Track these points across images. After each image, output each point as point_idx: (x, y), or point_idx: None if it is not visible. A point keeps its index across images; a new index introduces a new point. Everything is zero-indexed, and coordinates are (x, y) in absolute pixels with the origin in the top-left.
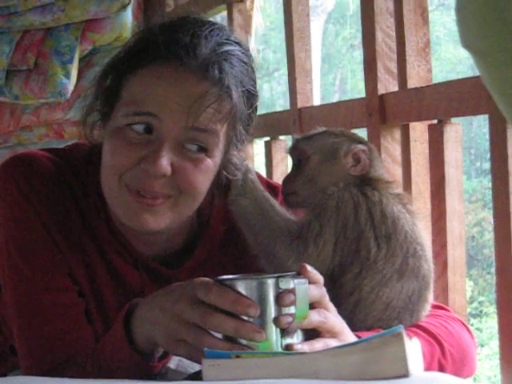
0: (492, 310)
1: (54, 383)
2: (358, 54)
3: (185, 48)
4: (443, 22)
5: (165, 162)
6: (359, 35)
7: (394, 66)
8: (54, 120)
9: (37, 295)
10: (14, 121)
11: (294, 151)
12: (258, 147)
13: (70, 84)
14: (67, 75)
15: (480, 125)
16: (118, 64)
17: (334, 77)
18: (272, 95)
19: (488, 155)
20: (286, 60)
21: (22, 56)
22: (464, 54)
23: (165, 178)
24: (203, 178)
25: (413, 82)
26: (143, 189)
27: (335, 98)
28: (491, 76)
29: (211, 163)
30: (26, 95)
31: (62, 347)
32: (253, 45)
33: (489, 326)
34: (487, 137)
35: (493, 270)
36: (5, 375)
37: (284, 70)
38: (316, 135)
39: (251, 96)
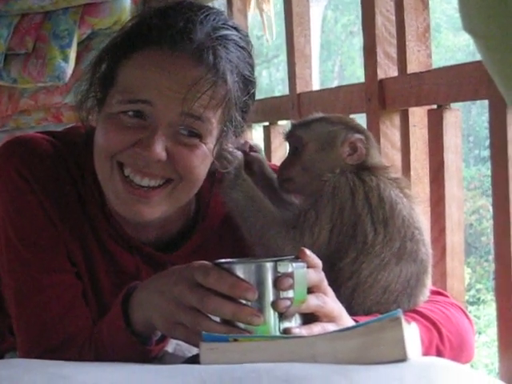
0: (490, 297)
1: (51, 366)
2: (357, 41)
3: (179, 33)
4: (443, 9)
5: (159, 147)
6: (358, 22)
7: (393, 51)
8: (52, 104)
9: (35, 277)
10: (12, 105)
11: (290, 137)
12: (256, 133)
13: (69, 68)
14: (66, 59)
15: (479, 112)
16: (112, 49)
17: (333, 63)
18: (271, 81)
19: (487, 143)
20: (285, 46)
21: (20, 39)
22: (463, 41)
23: (161, 163)
24: (199, 163)
25: (412, 67)
26: (139, 171)
27: (334, 85)
28: (492, 59)
29: (206, 149)
30: (24, 79)
31: (59, 329)
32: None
33: (486, 314)
34: (486, 124)
35: (491, 257)
36: (1, 357)
37: (283, 57)
38: (313, 122)
39: (248, 82)
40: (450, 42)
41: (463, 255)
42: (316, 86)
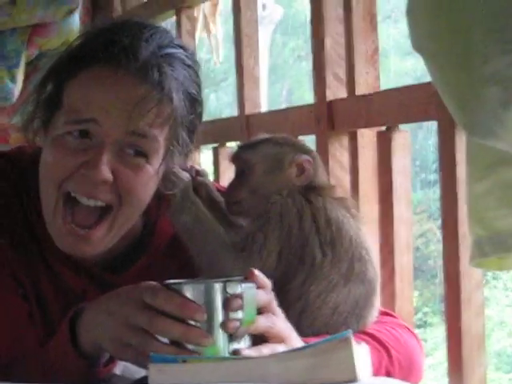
0: (436, 320)
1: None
2: (305, 65)
3: (124, 50)
4: (390, 33)
5: (106, 168)
6: (306, 46)
7: (342, 73)
8: None
9: None
10: None
11: (236, 160)
12: (204, 156)
13: (16, 88)
14: (13, 79)
15: (425, 136)
16: (57, 69)
17: (281, 87)
18: (219, 105)
19: (433, 166)
20: (233, 70)
21: None
22: (410, 66)
23: (106, 185)
24: (143, 186)
25: (361, 89)
26: (85, 193)
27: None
28: (441, 78)
29: (151, 170)
30: None
31: (5, 349)
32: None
33: (433, 336)
34: (432, 148)
35: (437, 280)
36: None
37: (231, 80)
38: (259, 144)
39: (194, 101)
40: (397, 67)
41: (412, 277)
42: (264, 109)
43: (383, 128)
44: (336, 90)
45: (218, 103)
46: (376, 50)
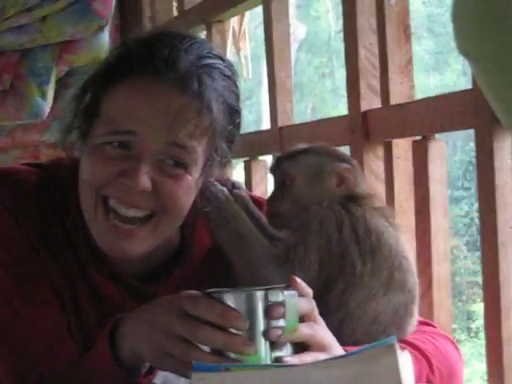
0: (464, 337)
1: None
2: (329, 83)
3: (163, 61)
4: (413, 50)
5: (145, 177)
6: (330, 64)
7: (376, 83)
8: (30, 142)
9: (20, 310)
10: None
11: (276, 171)
12: (235, 170)
13: (47, 105)
14: (43, 96)
15: (450, 153)
16: (96, 80)
17: (306, 105)
18: (244, 124)
19: (459, 183)
20: (257, 88)
21: None
22: (434, 82)
23: (146, 194)
24: (184, 195)
25: (395, 99)
26: (125, 202)
27: None
28: (488, 81)
29: (191, 180)
30: (1, 116)
31: (45, 363)
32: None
33: (462, 353)
34: (458, 165)
35: (464, 297)
36: None
37: (256, 99)
38: (299, 155)
39: (233, 111)
40: (421, 83)
41: (449, 286)
42: None
43: (418, 137)
44: (370, 101)
45: (244, 122)
46: (410, 59)
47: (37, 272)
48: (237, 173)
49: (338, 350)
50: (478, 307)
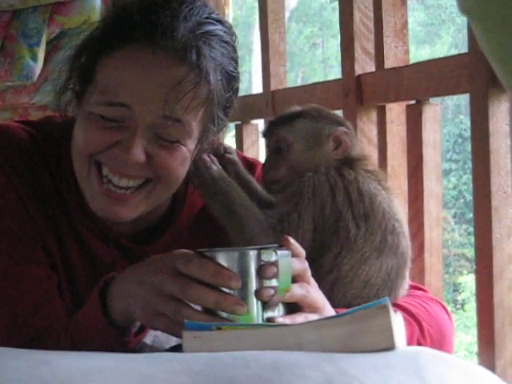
0: (450, 308)
1: (35, 353)
2: (320, 53)
3: (162, 30)
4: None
5: (138, 150)
6: (321, 33)
7: (371, 47)
8: (20, 104)
9: (9, 268)
10: None
11: (270, 136)
12: (227, 132)
13: (37, 67)
14: (34, 58)
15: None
16: (92, 43)
17: (296, 75)
18: (244, 83)
19: (447, 155)
20: (247, 57)
21: None
22: (425, 54)
23: (140, 164)
24: (179, 166)
25: (390, 63)
26: (118, 171)
27: None
28: (489, 41)
29: (185, 151)
30: None
31: (35, 321)
32: None
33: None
34: (447, 137)
35: (451, 269)
36: None
37: (246, 67)
38: (294, 119)
39: (231, 78)
40: (413, 56)
41: (441, 251)
42: None
43: (413, 102)
44: (364, 64)
45: (244, 81)
46: (405, 23)
47: (28, 231)
48: (228, 136)
49: (330, 311)
50: (465, 279)
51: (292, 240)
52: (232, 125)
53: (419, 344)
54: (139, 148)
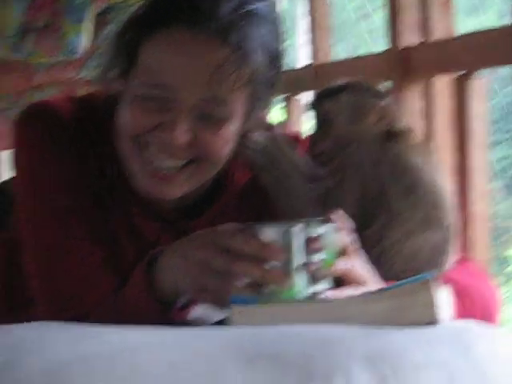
0: (500, 280)
1: (81, 327)
2: (368, 24)
3: (204, 12)
4: None
5: (182, 132)
6: (369, 5)
7: (416, 19)
8: (67, 79)
9: (57, 243)
10: (26, 80)
11: (316, 109)
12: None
13: (83, 42)
14: (80, 33)
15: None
16: (135, 24)
17: (345, 46)
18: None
19: (493, 128)
20: (291, 31)
21: (35, 14)
22: (478, 24)
23: (185, 145)
24: (223, 145)
25: (436, 35)
26: (163, 152)
27: None
28: None
29: (230, 130)
30: (38, 53)
31: (82, 297)
32: None
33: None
34: (496, 108)
35: (499, 242)
36: None
37: (291, 41)
38: (338, 93)
39: (276, 56)
40: (463, 25)
41: (487, 224)
42: None
43: (459, 74)
44: (410, 37)
45: (289, 55)
46: None
47: (73, 205)
48: (276, 109)
49: (377, 285)
50: None
51: (338, 214)
52: (279, 98)
53: (465, 317)
54: (183, 130)
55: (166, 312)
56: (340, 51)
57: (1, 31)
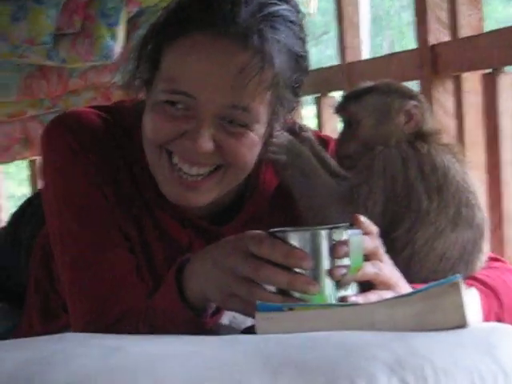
0: None
1: (106, 339)
2: (407, 15)
3: (223, 16)
4: None
5: (206, 140)
6: None
7: (445, 16)
8: (102, 83)
9: (88, 252)
10: (61, 85)
11: (342, 112)
12: (306, 106)
13: (117, 46)
14: (113, 37)
15: None
16: (156, 31)
17: (383, 38)
18: (320, 59)
19: None
20: (333, 24)
21: (68, 19)
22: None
23: (209, 153)
24: (248, 151)
25: (464, 32)
26: (188, 160)
27: None
28: None
29: (254, 136)
30: (72, 58)
31: (114, 304)
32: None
33: None
34: None
35: None
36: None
37: (332, 33)
38: (365, 95)
39: (299, 58)
40: (500, 14)
41: None
42: None
43: (488, 71)
44: (439, 34)
45: (319, 57)
46: None
47: (105, 214)
48: (307, 109)
49: (406, 288)
50: None
51: (363, 218)
52: (311, 98)
53: (498, 317)
54: (206, 138)
55: (197, 318)
56: (378, 43)
57: (35, 38)
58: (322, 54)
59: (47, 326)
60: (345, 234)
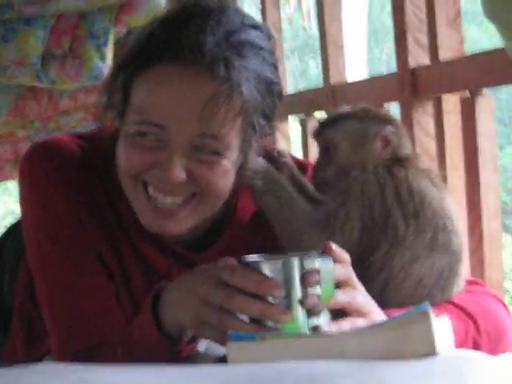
0: None
1: (79, 370)
2: None
3: (189, 47)
4: (463, 2)
5: (178, 170)
6: None
7: (424, 38)
8: (92, 103)
9: (67, 279)
10: (52, 106)
11: (319, 137)
12: (292, 125)
13: (106, 67)
14: (102, 58)
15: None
16: (125, 64)
17: (381, 51)
18: (318, 71)
19: None
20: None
21: (57, 40)
22: (486, 33)
23: (182, 183)
24: (221, 179)
25: (444, 53)
26: (162, 190)
27: (383, 72)
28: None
29: (227, 164)
30: (62, 80)
31: (93, 331)
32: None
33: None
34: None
35: None
36: (40, 359)
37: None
38: (341, 120)
39: (270, 83)
40: (475, 34)
41: (501, 243)
42: (363, 73)
43: (467, 93)
44: (418, 57)
45: (318, 70)
46: (458, 12)
47: (83, 241)
48: (293, 129)
49: (379, 315)
50: None
51: (334, 246)
52: (297, 118)
53: (475, 342)
54: (178, 167)
55: (173, 346)
56: (377, 56)
57: (24, 59)
58: (313, 72)
59: (30, 351)
60: (316, 262)
